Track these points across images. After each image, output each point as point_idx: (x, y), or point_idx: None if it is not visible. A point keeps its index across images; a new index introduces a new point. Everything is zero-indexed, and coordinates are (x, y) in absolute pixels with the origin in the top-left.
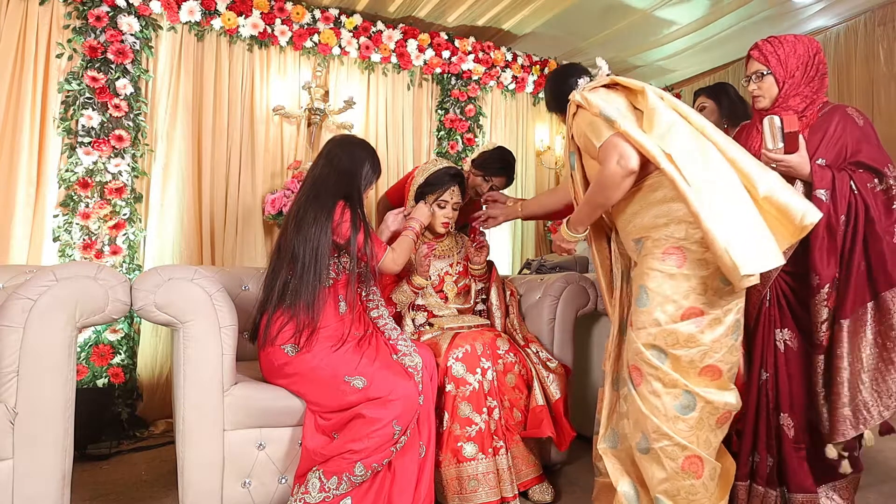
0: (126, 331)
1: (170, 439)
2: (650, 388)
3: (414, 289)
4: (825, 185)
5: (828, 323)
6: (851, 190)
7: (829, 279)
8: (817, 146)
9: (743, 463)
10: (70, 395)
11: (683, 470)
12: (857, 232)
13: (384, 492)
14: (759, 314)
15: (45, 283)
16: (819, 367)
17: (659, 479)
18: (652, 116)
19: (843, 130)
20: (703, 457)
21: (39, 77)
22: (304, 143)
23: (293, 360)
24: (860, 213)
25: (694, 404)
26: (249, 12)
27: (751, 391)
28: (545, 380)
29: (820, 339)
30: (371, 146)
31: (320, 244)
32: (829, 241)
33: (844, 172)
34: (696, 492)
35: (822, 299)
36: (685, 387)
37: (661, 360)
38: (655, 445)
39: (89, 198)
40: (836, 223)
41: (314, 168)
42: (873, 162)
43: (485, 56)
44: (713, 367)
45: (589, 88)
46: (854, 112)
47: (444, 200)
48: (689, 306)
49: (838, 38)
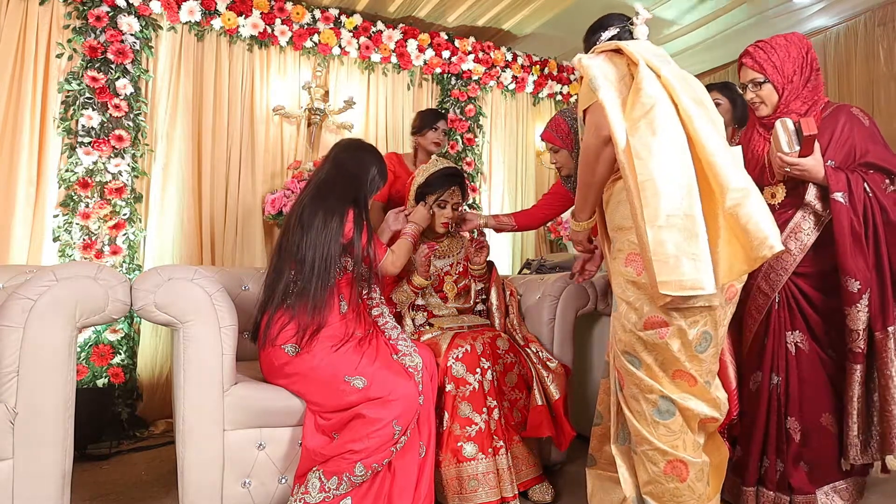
0: (126, 331)
1: (170, 439)
2: (630, 391)
3: (414, 289)
4: (841, 187)
5: (867, 331)
6: (866, 192)
7: (868, 282)
8: (825, 148)
9: (752, 469)
10: (70, 395)
11: (666, 474)
12: (879, 235)
13: (384, 492)
14: (768, 317)
15: (45, 283)
16: (857, 376)
17: (644, 481)
18: (634, 95)
19: (851, 131)
20: (687, 460)
21: (39, 77)
22: (304, 143)
23: (293, 360)
24: (877, 216)
25: (673, 409)
26: (249, 12)
27: (761, 395)
28: (545, 380)
29: (860, 347)
30: (378, 152)
31: (331, 249)
32: (855, 243)
33: (857, 174)
34: (682, 494)
35: (865, 305)
36: (661, 392)
37: (636, 366)
38: (638, 449)
39: (89, 198)
40: (858, 226)
41: (320, 171)
42: (884, 162)
43: (485, 56)
44: (686, 374)
45: (597, 50)
46: (859, 112)
47: (444, 200)
48: (651, 315)
49: (838, 38)
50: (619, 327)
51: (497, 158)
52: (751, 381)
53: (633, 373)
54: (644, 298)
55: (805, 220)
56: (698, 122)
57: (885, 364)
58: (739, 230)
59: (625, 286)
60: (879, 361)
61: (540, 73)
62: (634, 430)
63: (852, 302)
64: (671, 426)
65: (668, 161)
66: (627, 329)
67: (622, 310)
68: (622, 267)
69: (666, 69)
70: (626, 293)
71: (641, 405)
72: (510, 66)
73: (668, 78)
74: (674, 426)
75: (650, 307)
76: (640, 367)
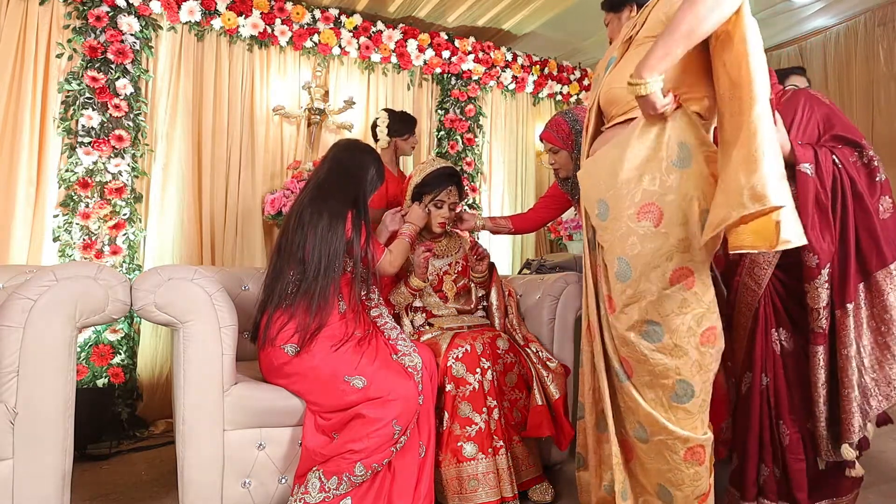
0: (126, 331)
1: (170, 439)
2: (641, 380)
3: (411, 290)
4: (808, 158)
5: (829, 308)
6: (835, 164)
7: (828, 256)
8: (788, 131)
9: (751, 482)
10: (70, 395)
11: (686, 460)
12: (847, 208)
13: (384, 492)
14: (755, 316)
15: (45, 283)
16: (820, 359)
17: (660, 470)
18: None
19: (812, 110)
20: (705, 442)
21: (39, 77)
22: (304, 143)
23: (293, 360)
24: (847, 189)
25: (692, 391)
26: (249, 12)
27: (753, 398)
28: (545, 379)
29: (821, 327)
30: (376, 152)
31: (334, 250)
32: (820, 216)
33: (825, 148)
34: (700, 476)
35: (823, 281)
36: (678, 375)
37: (656, 338)
38: (654, 438)
39: (89, 198)
40: (825, 198)
41: (318, 171)
42: (850, 134)
43: (485, 56)
44: (712, 329)
45: None
46: (817, 93)
47: (440, 200)
48: (678, 267)
49: (838, 38)
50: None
51: (497, 158)
52: (743, 383)
53: (648, 356)
54: (664, 251)
55: None
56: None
57: (843, 344)
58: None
59: (640, 243)
60: (838, 341)
61: (540, 73)
62: (649, 421)
63: (811, 277)
64: (690, 408)
65: None
66: (650, 296)
67: (636, 274)
68: (633, 224)
69: None
70: (642, 250)
71: (657, 391)
72: (510, 66)
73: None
74: (693, 408)
75: (676, 258)
76: (662, 336)
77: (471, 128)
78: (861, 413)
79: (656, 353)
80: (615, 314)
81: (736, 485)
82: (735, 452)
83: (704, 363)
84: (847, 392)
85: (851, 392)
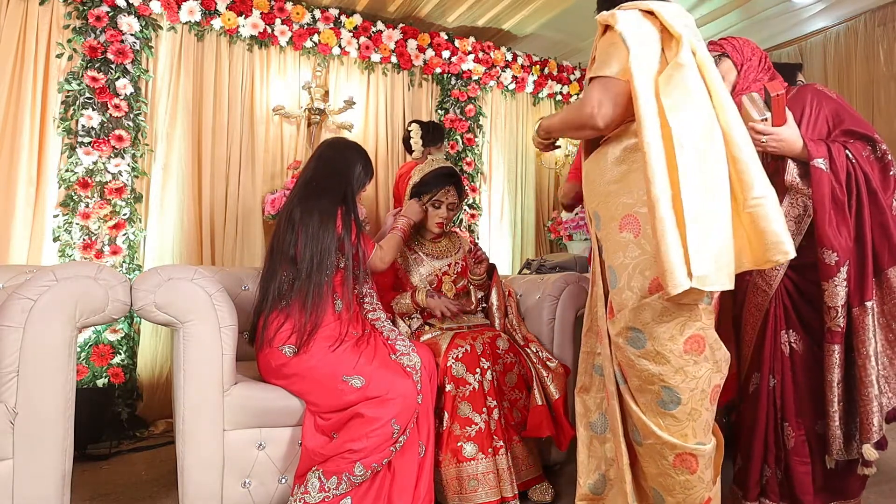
0: (126, 331)
1: (170, 439)
2: (633, 383)
3: (415, 304)
4: (822, 153)
5: (846, 307)
6: (848, 159)
7: (847, 253)
8: (799, 125)
9: (753, 482)
10: (70, 395)
11: (675, 467)
12: (862, 204)
13: (384, 492)
14: (765, 317)
15: (45, 283)
16: (836, 358)
17: (653, 474)
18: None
19: (820, 106)
20: (696, 452)
21: (39, 77)
22: (304, 143)
23: (291, 361)
24: (861, 184)
25: (678, 398)
26: (249, 12)
27: (760, 398)
28: (545, 379)
29: (839, 325)
30: (363, 148)
31: (326, 247)
32: (837, 212)
33: (838, 143)
34: (693, 486)
35: (842, 279)
36: (662, 382)
37: (640, 345)
38: (646, 441)
39: (89, 198)
40: (841, 193)
41: (306, 170)
42: (861, 128)
43: (485, 56)
44: (697, 337)
45: (625, 7)
46: (823, 87)
47: (438, 200)
48: (655, 277)
49: (838, 38)
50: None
51: (497, 158)
52: (751, 383)
53: (634, 361)
54: (643, 261)
55: (793, 207)
56: (731, 115)
57: (862, 342)
58: (755, 233)
59: (623, 253)
60: (857, 339)
61: (540, 73)
62: (640, 424)
63: (830, 276)
64: (678, 415)
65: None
66: (631, 303)
67: (622, 283)
68: (617, 235)
69: (701, 48)
70: (625, 260)
71: (645, 396)
72: (510, 66)
73: (702, 57)
74: (681, 415)
75: (654, 268)
76: (645, 342)
77: (471, 128)
78: (880, 412)
79: (641, 358)
80: (612, 319)
81: (739, 484)
82: (739, 453)
83: (690, 371)
84: (868, 391)
85: (872, 391)
